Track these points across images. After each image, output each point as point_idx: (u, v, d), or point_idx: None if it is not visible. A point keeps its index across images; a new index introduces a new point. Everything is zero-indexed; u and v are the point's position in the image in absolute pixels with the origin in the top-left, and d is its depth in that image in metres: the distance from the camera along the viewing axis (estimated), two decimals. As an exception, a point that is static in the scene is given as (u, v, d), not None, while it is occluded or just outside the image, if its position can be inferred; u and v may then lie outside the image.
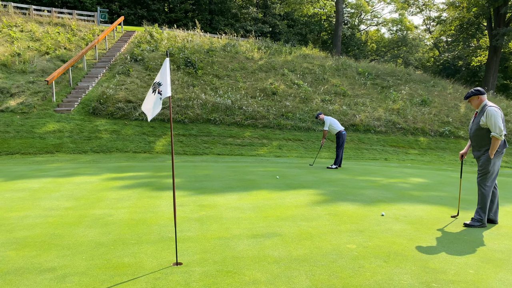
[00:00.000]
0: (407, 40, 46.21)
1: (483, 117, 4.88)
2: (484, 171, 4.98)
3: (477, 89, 5.00)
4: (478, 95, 4.97)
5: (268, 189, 7.18)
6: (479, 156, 5.04)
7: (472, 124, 5.11)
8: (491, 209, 5.23)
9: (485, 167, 4.96)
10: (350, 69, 23.33)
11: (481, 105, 5.00)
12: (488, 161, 4.94)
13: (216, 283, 3.25)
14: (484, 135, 4.94)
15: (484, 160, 4.97)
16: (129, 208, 5.66)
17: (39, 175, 8.36)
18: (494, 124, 4.78)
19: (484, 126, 4.89)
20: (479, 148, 5.05)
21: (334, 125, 10.66)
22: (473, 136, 5.07)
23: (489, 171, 4.96)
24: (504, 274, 3.53)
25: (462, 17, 35.17)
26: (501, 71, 35.39)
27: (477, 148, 5.07)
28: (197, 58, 20.20)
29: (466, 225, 5.04)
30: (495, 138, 4.82)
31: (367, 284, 3.26)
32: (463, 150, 5.46)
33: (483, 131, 4.93)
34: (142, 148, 13.28)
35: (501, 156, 5.02)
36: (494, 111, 4.82)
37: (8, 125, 13.53)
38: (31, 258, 3.76)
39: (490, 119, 4.79)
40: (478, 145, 5.05)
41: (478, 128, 4.97)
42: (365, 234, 4.59)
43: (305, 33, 39.22)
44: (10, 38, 19.39)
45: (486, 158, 4.95)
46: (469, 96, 5.02)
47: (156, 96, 3.73)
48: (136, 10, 34.33)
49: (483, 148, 5.00)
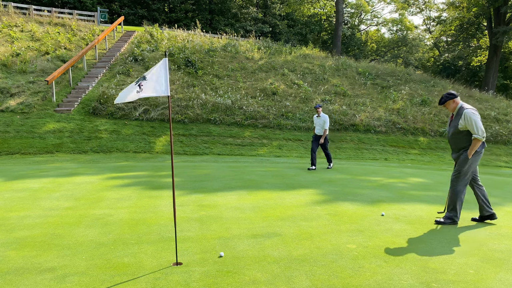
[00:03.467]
0: (407, 40, 46.20)
1: (461, 120, 4.87)
2: (460, 170, 4.99)
3: (450, 92, 4.98)
4: (453, 98, 4.95)
5: (268, 189, 7.18)
6: (458, 156, 5.05)
7: (450, 127, 5.09)
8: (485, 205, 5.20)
9: (462, 167, 4.97)
10: (350, 69, 23.33)
11: (457, 107, 4.99)
12: (465, 161, 4.94)
13: (216, 283, 3.25)
14: (463, 137, 4.94)
15: (462, 160, 4.97)
16: (129, 208, 5.66)
17: (39, 175, 8.36)
18: (476, 127, 4.78)
19: (463, 128, 4.88)
20: (457, 150, 5.06)
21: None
22: (452, 139, 5.07)
23: (464, 171, 4.97)
24: (504, 274, 3.53)
25: (462, 17, 35.18)
26: (501, 71, 35.39)
27: (456, 150, 5.08)
28: (197, 58, 20.20)
29: (437, 223, 5.09)
30: (477, 140, 4.82)
31: (367, 284, 3.26)
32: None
33: (462, 134, 4.93)
34: (142, 148, 13.28)
35: (480, 157, 5.02)
36: (472, 113, 4.83)
37: (8, 125, 13.53)
38: (31, 258, 3.76)
39: (471, 122, 4.79)
40: (456, 148, 5.06)
41: (456, 131, 4.96)
42: (365, 234, 4.59)
43: (305, 33, 39.22)
44: (10, 38, 19.39)
45: (464, 158, 4.95)
46: (445, 101, 4.99)
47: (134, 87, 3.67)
48: (136, 10, 34.33)
49: (461, 150, 5.02)
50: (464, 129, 4.87)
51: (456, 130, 4.95)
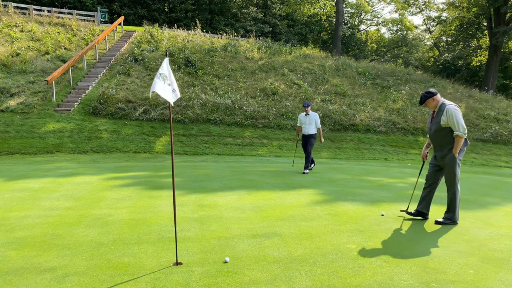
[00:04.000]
0: (407, 40, 46.20)
1: (443, 116, 4.84)
2: (451, 171, 4.98)
3: (429, 91, 4.96)
4: (433, 96, 4.93)
5: (268, 189, 7.18)
6: (442, 156, 5.01)
7: (432, 124, 5.06)
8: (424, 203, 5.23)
9: (453, 166, 4.95)
10: (350, 69, 23.33)
11: (438, 105, 4.97)
12: (454, 161, 4.92)
13: (216, 283, 3.25)
14: (446, 134, 4.91)
15: (449, 161, 4.94)
16: (129, 208, 5.66)
17: (39, 175, 8.36)
18: (457, 123, 4.76)
19: (446, 125, 4.85)
20: (441, 148, 5.03)
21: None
22: (434, 136, 5.04)
23: (455, 171, 4.96)
24: (504, 274, 3.53)
25: (462, 17, 35.18)
26: (501, 71, 35.39)
27: (440, 148, 5.05)
28: (197, 58, 20.20)
29: (437, 223, 5.10)
30: (459, 137, 4.81)
31: (367, 284, 3.26)
32: (424, 152, 5.40)
33: (445, 131, 4.90)
34: (142, 148, 13.28)
35: (463, 153, 5.02)
36: (454, 109, 4.80)
37: (8, 125, 13.53)
38: (31, 258, 3.76)
39: (452, 119, 4.77)
40: (440, 145, 5.03)
41: (439, 128, 4.93)
42: (365, 234, 4.59)
43: (305, 33, 39.22)
44: (10, 38, 19.40)
45: (451, 158, 4.93)
46: (425, 100, 4.96)
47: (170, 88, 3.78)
48: (137, 10, 34.33)
49: (445, 147, 4.97)
50: (447, 125, 4.85)
51: (439, 127, 4.92)
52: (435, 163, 5.17)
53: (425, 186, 5.27)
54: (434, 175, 5.19)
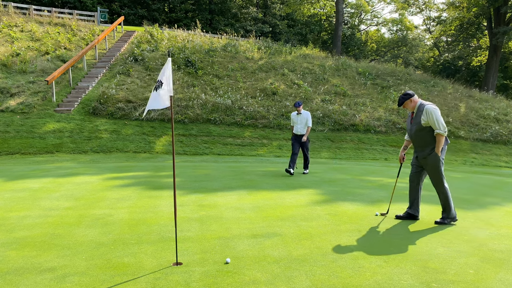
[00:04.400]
0: (407, 40, 46.21)
1: (423, 116, 4.86)
2: (438, 172, 4.98)
3: (406, 93, 4.98)
4: (410, 98, 4.95)
5: (268, 189, 7.18)
6: (424, 156, 5.01)
7: (412, 125, 5.07)
8: (413, 205, 5.26)
9: (437, 168, 4.96)
10: (350, 69, 23.33)
11: (416, 106, 4.99)
12: (437, 160, 4.93)
13: (216, 283, 3.25)
14: (427, 134, 4.93)
15: (433, 161, 4.95)
16: (129, 208, 5.66)
17: (39, 175, 8.36)
18: (437, 122, 4.79)
19: (426, 124, 4.88)
20: (423, 148, 5.03)
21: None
22: (415, 137, 5.04)
23: (440, 170, 4.98)
24: (504, 274, 3.53)
25: (462, 17, 35.18)
26: (501, 71, 35.40)
27: (421, 148, 5.05)
28: (197, 58, 20.20)
29: (437, 223, 5.10)
30: (440, 135, 4.83)
31: (367, 284, 3.26)
32: (401, 154, 5.40)
33: (425, 130, 4.92)
34: (142, 148, 13.28)
35: (445, 152, 5.04)
36: (433, 108, 4.84)
37: (8, 125, 13.53)
38: (31, 258, 3.76)
39: (432, 118, 4.80)
40: (421, 145, 5.03)
41: (419, 128, 4.95)
42: (365, 234, 4.59)
43: (305, 33, 39.22)
44: (10, 38, 19.40)
45: (435, 157, 4.93)
46: (403, 102, 4.98)
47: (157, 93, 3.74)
48: (137, 10, 34.33)
49: (427, 147, 4.98)
50: (427, 125, 4.87)
51: (419, 127, 4.94)
52: (417, 163, 5.18)
53: (411, 188, 5.28)
54: (417, 176, 5.22)
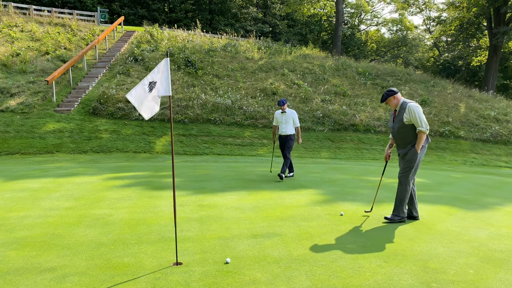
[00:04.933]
0: (407, 40, 46.19)
1: (405, 114, 4.91)
2: (410, 166, 5.01)
3: (390, 89, 5.02)
4: (394, 95, 5.00)
5: (268, 189, 7.18)
6: (405, 153, 5.05)
7: (394, 123, 5.12)
8: (412, 206, 5.27)
9: (411, 163, 4.99)
10: (350, 69, 23.33)
11: (399, 103, 5.04)
12: (415, 155, 4.97)
13: (216, 283, 3.25)
14: (408, 131, 4.97)
15: (411, 156, 4.98)
16: (129, 208, 5.66)
17: (39, 175, 8.36)
18: (420, 119, 4.84)
19: (408, 122, 4.92)
20: (405, 145, 5.08)
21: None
22: (397, 134, 5.09)
23: (413, 167, 5.00)
24: (504, 274, 3.53)
25: (462, 17, 35.19)
26: (501, 71, 35.40)
27: (402, 145, 5.10)
28: (197, 58, 20.20)
29: (386, 219, 5.12)
30: (422, 133, 4.88)
31: (367, 284, 3.26)
32: (387, 152, 5.43)
33: (407, 128, 4.97)
34: (142, 148, 13.28)
35: (425, 151, 5.09)
36: (415, 106, 4.89)
37: (8, 125, 13.53)
38: (31, 258, 3.76)
39: (415, 115, 4.85)
40: (403, 143, 5.08)
41: (401, 126, 4.99)
42: (365, 234, 4.59)
43: (305, 33, 39.21)
44: (10, 38, 19.39)
45: (413, 153, 4.97)
46: (386, 98, 5.02)
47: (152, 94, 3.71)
48: (137, 10, 34.33)
49: (408, 144, 5.03)
50: (409, 122, 4.93)
51: (401, 125, 4.99)
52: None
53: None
54: None
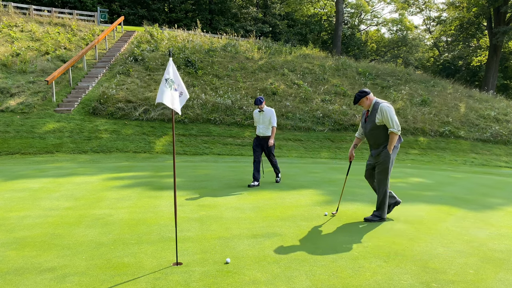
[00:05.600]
0: (407, 40, 46.18)
1: (378, 114, 4.91)
2: (385, 168, 5.03)
3: (362, 90, 5.02)
4: (366, 95, 5.00)
5: (268, 189, 7.18)
6: (378, 154, 5.06)
7: (366, 123, 5.12)
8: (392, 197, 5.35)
9: (386, 164, 5.01)
10: (350, 69, 23.33)
11: (372, 104, 5.04)
12: (388, 157, 4.98)
13: (216, 283, 3.25)
14: (381, 132, 4.98)
15: (384, 157, 5.00)
16: (129, 208, 5.66)
17: (39, 175, 8.36)
18: (392, 120, 4.85)
19: (380, 123, 4.93)
20: (377, 146, 5.09)
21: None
22: (370, 135, 5.09)
23: (388, 168, 5.02)
24: (504, 274, 3.53)
25: (462, 17, 35.20)
26: (501, 71, 35.40)
27: (375, 146, 5.11)
28: (197, 58, 20.20)
29: (366, 220, 5.14)
30: (394, 134, 4.89)
31: (367, 284, 3.26)
32: (351, 152, 5.45)
33: (379, 129, 4.97)
34: (142, 148, 13.28)
35: (397, 151, 5.10)
36: (388, 107, 4.89)
37: (8, 125, 13.53)
38: (31, 258, 3.76)
39: (387, 116, 4.85)
40: (376, 143, 5.09)
41: (374, 127, 5.00)
42: (365, 234, 4.59)
43: (305, 33, 39.20)
44: (10, 38, 19.39)
45: (386, 154, 4.98)
46: (359, 99, 5.02)
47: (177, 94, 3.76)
48: (137, 10, 34.33)
49: (381, 145, 5.04)
50: (381, 123, 4.93)
51: (374, 125, 4.99)
52: (371, 162, 5.24)
53: (373, 187, 5.37)
54: (370, 176, 5.30)
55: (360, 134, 5.38)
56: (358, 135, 5.40)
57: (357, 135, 5.41)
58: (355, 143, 5.42)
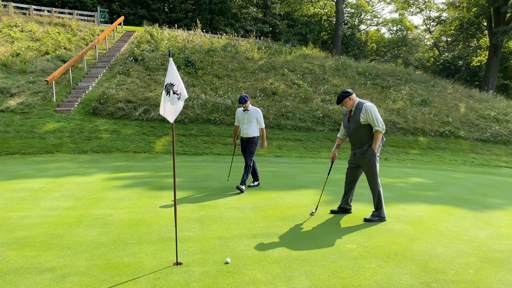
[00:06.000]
0: (407, 40, 46.18)
1: (362, 114, 4.97)
2: (372, 167, 5.09)
3: (345, 91, 5.07)
4: (349, 96, 5.05)
5: (268, 189, 7.18)
6: (363, 153, 5.09)
7: (350, 123, 5.15)
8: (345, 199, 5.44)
9: (372, 163, 5.07)
10: (350, 69, 23.33)
11: (354, 104, 5.09)
12: (374, 156, 5.04)
13: (216, 283, 3.25)
14: (365, 131, 5.03)
15: (369, 156, 5.05)
16: (129, 208, 5.66)
17: (39, 175, 8.36)
18: (376, 119, 4.92)
19: (365, 122, 4.98)
20: (361, 145, 5.12)
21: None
22: (354, 135, 5.13)
23: (376, 167, 5.08)
24: (504, 274, 3.53)
25: (462, 17, 35.20)
26: (501, 71, 35.41)
27: (359, 145, 5.14)
28: (197, 58, 20.20)
29: (366, 220, 5.17)
30: (379, 133, 4.95)
31: (367, 284, 3.26)
32: (333, 152, 5.49)
33: (364, 128, 5.02)
34: (142, 148, 13.28)
35: (380, 150, 5.16)
36: (371, 106, 4.97)
37: (8, 125, 13.53)
38: (31, 258, 3.76)
39: (371, 115, 4.92)
40: (360, 142, 5.12)
41: (358, 126, 5.04)
42: (365, 234, 4.59)
43: (305, 33, 39.20)
44: (10, 38, 19.39)
45: (371, 153, 5.03)
46: (342, 100, 5.06)
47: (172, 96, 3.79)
48: (137, 10, 34.33)
49: (365, 144, 5.08)
50: (366, 122, 4.99)
51: (358, 125, 5.04)
52: (354, 161, 5.29)
53: (346, 184, 5.44)
54: (353, 173, 5.36)
55: (342, 134, 5.45)
56: (341, 135, 5.46)
57: (339, 136, 5.47)
58: (338, 144, 5.48)
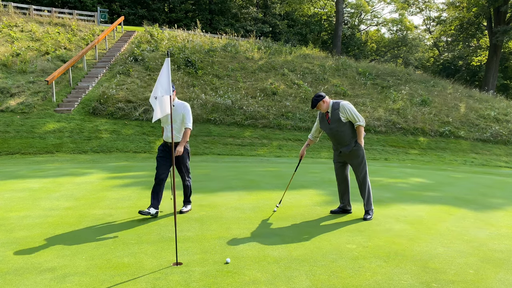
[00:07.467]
0: (407, 40, 46.19)
1: (341, 113, 5.04)
2: (362, 162, 5.17)
3: (318, 94, 5.10)
4: (323, 99, 5.09)
5: (268, 189, 7.18)
6: (350, 150, 5.14)
7: (331, 124, 5.15)
8: (345, 199, 5.49)
9: (362, 157, 5.16)
10: (350, 69, 23.33)
11: (329, 105, 5.14)
12: (362, 150, 5.14)
13: (216, 283, 3.25)
14: (348, 129, 5.10)
15: (358, 151, 5.13)
16: (129, 208, 5.66)
17: (39, 175, 8.36)
18: (355, 115, 5.04)
19: (346, 120, 5.06)
20: (346, 143, 5.16)
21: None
22: (337, 134, 5.15)
23: (364, 163, 5.18)
24: (504, 274, 3.53)
25: (462, 17, 35.21)
26: (501, 71, 35.41)
27: (345, 143, 5.17)
28: (197, 58, 20.20)
29: (365, 219, 5.22)
30: (361, 127, 5.06)
31: (367, 284, 3.26)
32: (303, 151, 5.54)
33: (346, 126, 5.09)
34: (142, 148, 13.28)
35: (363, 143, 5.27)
36: (348, 104, 5.07)
37: (8, 125, 13.53)
38: (31, 258, 3.76)
39: (350, 112, 5.02)
40: (344, 141, 5.16)
41: (340, 125, 5.09)
42: (365, 234, 4.59)
43: (305, 33, 39.20)
44: (10, 38, 19.39)
45: (359, 147, 5.12)
46: (316, 103, 5.09)
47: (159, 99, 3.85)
48: (137, 10, 34.33)
49: (351, 141, 5.14)
50: (347, 120, 5.07)
51: (340, 124, 5.09)
52: (340, 160, 5.34)
53: (339, 183, 5.47)
54: (342, 171, 5.40)
55: (313, 136, 5.49)
56: (312, 136, 5.50)
57: (311, 137, 5.50)
58: (308, 143, 5.52)
